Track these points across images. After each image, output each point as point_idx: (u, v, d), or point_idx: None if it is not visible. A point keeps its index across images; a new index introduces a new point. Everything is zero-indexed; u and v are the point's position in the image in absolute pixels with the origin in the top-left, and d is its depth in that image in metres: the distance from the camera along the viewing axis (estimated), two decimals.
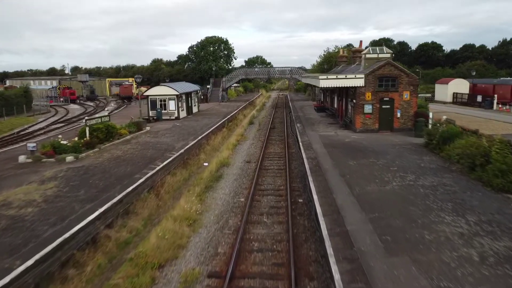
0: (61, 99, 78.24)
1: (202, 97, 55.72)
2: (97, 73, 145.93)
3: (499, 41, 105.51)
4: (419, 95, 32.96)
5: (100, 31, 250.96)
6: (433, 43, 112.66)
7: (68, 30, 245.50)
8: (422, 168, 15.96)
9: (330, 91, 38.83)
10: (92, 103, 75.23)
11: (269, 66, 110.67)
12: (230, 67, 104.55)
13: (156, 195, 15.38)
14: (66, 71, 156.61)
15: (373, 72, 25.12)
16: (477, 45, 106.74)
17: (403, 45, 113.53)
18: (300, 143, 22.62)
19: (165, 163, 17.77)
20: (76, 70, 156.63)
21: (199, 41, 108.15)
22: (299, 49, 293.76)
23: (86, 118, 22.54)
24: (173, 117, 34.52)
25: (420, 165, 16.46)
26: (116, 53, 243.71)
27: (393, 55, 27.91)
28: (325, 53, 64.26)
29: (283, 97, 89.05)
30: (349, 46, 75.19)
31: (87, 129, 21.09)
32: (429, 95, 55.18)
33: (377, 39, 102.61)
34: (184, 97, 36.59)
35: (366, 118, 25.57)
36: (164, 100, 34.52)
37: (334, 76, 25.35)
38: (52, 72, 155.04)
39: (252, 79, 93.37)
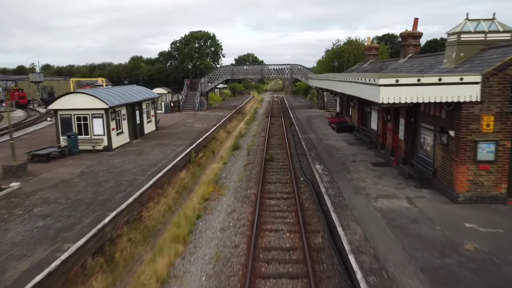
0: (4, 104, 63.37)
1: (172, 104, 41.38)
2: (69, 71, 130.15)
3: None
4: None
5: (93, 29, 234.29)
6: (442, 39, 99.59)
7: (59, 29, 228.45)
8: None
9: (358, 99, 24.88)
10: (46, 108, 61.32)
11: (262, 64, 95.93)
12: (218, 65, 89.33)
13: None
14: (37, 70, 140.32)
15: (501, 71, 11.23)
16: None
17: None
18: (355, 265, 8.47)
19: None
20: (46, 68, 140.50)
21: (182, 36, 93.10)
22: (292, 49, 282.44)
23: None
24: (101, 147, 20.20)
25: None
26: (109, 52, 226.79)
27: None
28: (334, 46, 49.79)
29: (279, 100, 74.88)
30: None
31: None
32: None
33: (381, 35, 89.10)
34: (124, 112, 22.28)
35: (480, 170, 11.68)
36: (85, 118, 20.21)
37: (414, 80, 11.33)
38: (20, 71, 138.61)
39: (242, 79, 79.21)
